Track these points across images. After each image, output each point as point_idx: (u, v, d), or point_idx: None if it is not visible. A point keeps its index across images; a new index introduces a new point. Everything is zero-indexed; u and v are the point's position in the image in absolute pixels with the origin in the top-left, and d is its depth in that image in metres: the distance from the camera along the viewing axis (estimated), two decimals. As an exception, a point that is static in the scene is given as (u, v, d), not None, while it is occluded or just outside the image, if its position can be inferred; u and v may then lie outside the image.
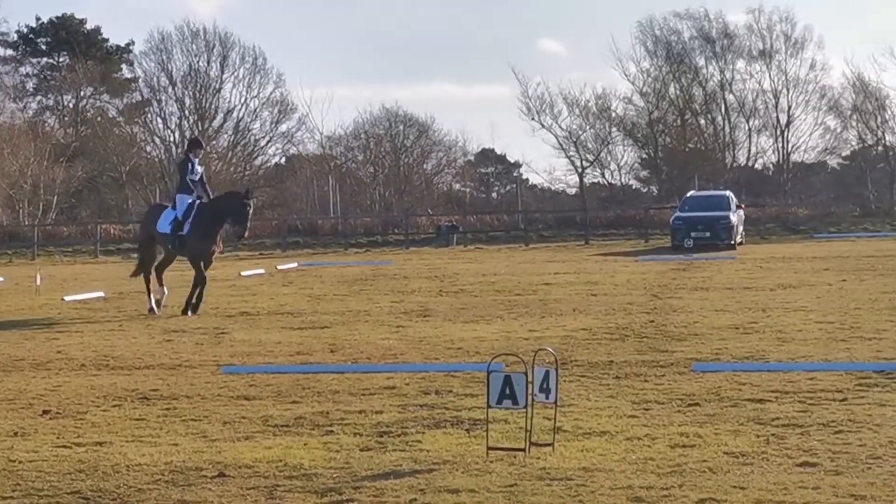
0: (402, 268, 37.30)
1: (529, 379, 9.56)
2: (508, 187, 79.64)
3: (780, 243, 49.61)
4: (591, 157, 71.77)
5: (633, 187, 75.45)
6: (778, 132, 71.96)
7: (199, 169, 23.38)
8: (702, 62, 72.83)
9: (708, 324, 18.60)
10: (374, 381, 13.54)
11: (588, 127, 71.76)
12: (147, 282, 23.57)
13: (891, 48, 75.30)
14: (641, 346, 16.15)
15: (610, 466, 9.20)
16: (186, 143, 25.91)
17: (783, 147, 72.24)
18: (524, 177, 79.48)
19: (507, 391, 9.52)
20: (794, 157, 73.12)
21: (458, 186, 77.84)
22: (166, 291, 23.47)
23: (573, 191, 74.04)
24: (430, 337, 17.90)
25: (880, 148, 72.78)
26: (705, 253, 41.04)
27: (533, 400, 9.67)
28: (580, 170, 71.81)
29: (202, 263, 22.83)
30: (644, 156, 73.07)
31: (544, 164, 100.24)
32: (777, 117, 71.80)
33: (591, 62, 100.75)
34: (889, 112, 71.65)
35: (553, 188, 76.80)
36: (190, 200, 23.05)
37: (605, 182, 73.55)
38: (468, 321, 20.24)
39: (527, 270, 34.14)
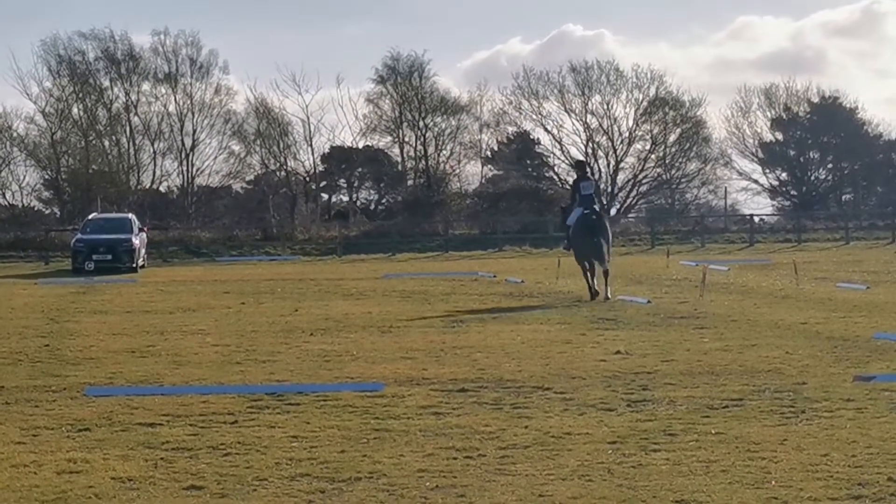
0: None
1: None
2: None
3: (182, 266, 49.92)
4: (-9, 178, 69.43)
5: (35, 208, 73.56)
6: (183, 155, 72.44)
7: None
8: (107, 83, 72.19)
9: (104, 347, 18.37)
10: None
11: (-12, 146, 69.40)
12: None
13: (293, 75, 77.63)
14: (34, 371, 15.71)
15: (-8, 497, 8.87)
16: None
17: (188, 170, 72.83)
18: (-82, 195, 75.64)
19: None
20: (199, 181, 73.88)
21: None
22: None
23: (-29, 211, 71.34)
24: None
25: (283, 173, 74.85)
26: (106, 276, 40.60)
27: None
28: (-21, 190, 69.34)
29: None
30: (47, 177, 71.44)
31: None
32: (182, 141, 72.27)
33: (0, 79, 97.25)
34: (291, 138, 73.90)
35: (-50, 208, 73.62)
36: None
37: (6, 203, 71.28)
38: None
39: (-83, 293, 32.47)
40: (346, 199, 78.86)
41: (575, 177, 29.08)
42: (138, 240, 46.41)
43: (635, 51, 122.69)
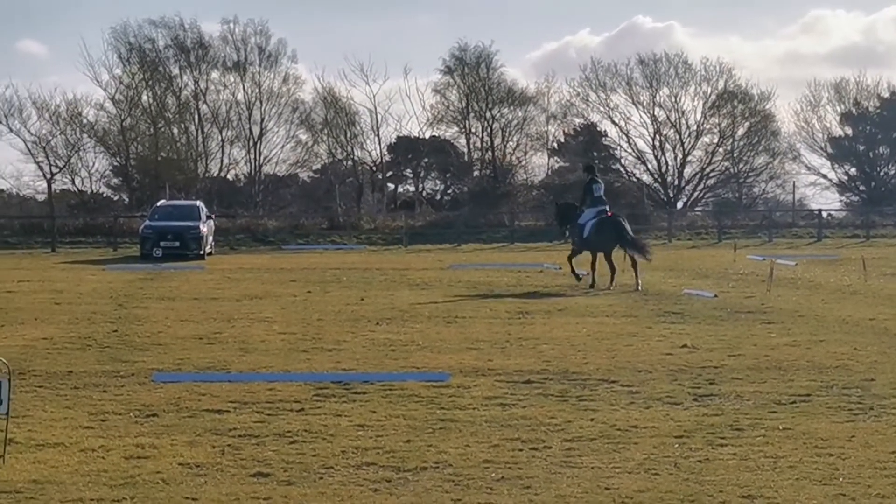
0: None
1: (-20, 390, 9.22)
2: (-27, 192, 76.33)
3: (249, 254, 50.18)
4: (60, 164, 70.01)
5: (104, 195, 74.10)
6: (251, 144, 72.75)
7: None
8: (176, 71, 72.62)
9: (172, 334, 18.50)
10: None
11: (58, 132, 69.97)
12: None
13: (361, 65, 77.76)
14: (103, 357, 15.85)
15: (62, 479, 8.98)
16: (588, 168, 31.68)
17: (255, 158, 73.12)
18: (-10, 181, 76.46)
19: (-43, 402, 9.23)
20: (266, 169, 74.15)
21: (-82, 190, 74.02)
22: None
23: (42, 197, 71.93)
24: None
25: (349, 162, 75.03)
26: (174, 263, 40.88)
27: (-17, 412, 9.32)
28: (49, 176, 69.89)
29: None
30: (116, 163, 71.99)
31: (12, 170, 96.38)
32: (250, 129, 72.58)
33: (71, 66, 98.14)
34: (359, 127, 74.04)
35: (21, 194, 74.25)
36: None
37: (76, 189, 71.90)
38: (-80, 330, 19.25)
39: (-12, 277, 32.86)
40: (412, 189, 78.95)
41: (587, 179, 30.12)
42: (206, 227, 46.68)
43: (705, 43, 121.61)
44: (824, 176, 78.11)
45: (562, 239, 31.94)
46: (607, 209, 28.77)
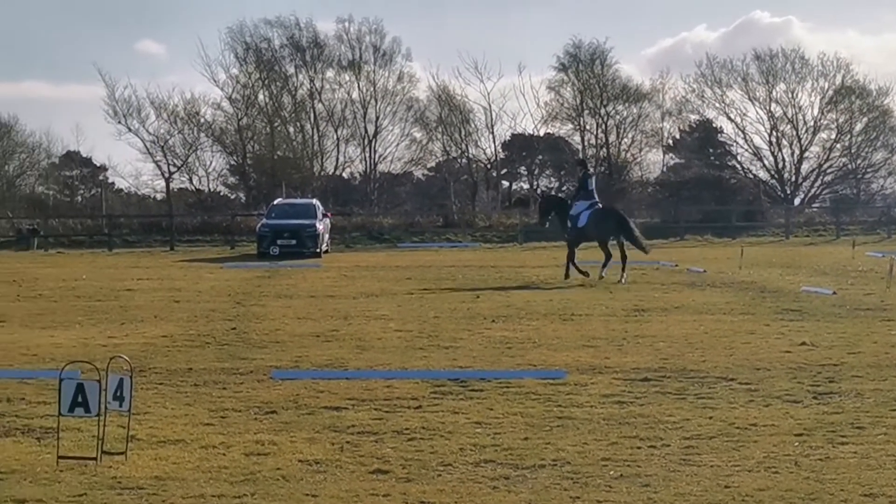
0: (-23, 271, 35.79)
1: (103, 387, 9.37)
2: (94, 191, 77.61)
3: (365, 252, 50.47)
4: (178, 163, 71.02)
5: (221, 193, 75.07)
6: (366, 142, 73.19)
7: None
8: (292, 70, 73.28)
9: (290, 331, 18.67)
10: (-61, 390, 12.88)
11: (176, 132, 70.97)
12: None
13: (475, 63, 77.91)
14: (222, 354, 16.04)
15: (183, 475, 9.09)
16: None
17: (370, 157, 73.58)
18: (110, 181, 77.84)
19: (80, 399, 9.40)
20: (381, 167, 74.59)
21: (41, 189, 75.49)
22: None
23: (160, 196, 73.05)
24: (3, 343, 17.23)
25: (464, 160, 75.18)
26: (291, 260, 41.23)
27: (106, 408, 9.47)
28: (167, 175, 70.95)
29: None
30: (232, 162, 72.85)
31: (131, 169, 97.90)
32: (365, 127, 73.02)
33: (189, 66, 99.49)
34: (473, 125, 74.17)
35: (140, 193, 75.49)
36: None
37: (193, 188, 72.90)
38: (45, 327, 19.62)
39: (109, 276, 33.45)
40: (526, 186, 78.89)
41: (581, 174, 32.23)
42: (322, 225, 47.02)
43: (823, 38, 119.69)
44: (944, 171, 76.61)
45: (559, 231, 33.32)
46: (598, 202, 30.72)
